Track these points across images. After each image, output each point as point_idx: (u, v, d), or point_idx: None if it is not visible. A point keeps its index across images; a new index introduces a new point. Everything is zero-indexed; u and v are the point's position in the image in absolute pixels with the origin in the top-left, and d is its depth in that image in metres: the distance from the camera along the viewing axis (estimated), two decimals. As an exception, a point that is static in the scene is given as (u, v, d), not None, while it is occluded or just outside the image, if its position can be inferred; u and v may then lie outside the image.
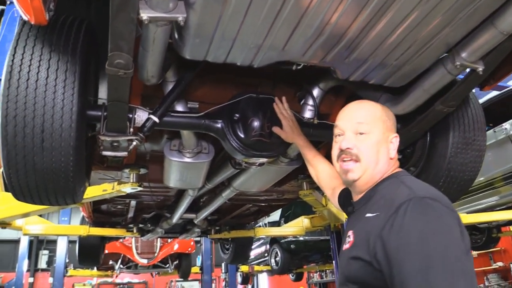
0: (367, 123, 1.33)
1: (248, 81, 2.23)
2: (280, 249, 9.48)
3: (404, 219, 1.08)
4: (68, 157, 1.56)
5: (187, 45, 1.51)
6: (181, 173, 2.68)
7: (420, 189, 1.18)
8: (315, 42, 1.54)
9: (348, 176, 1.34)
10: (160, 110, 1.87)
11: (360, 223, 1.28)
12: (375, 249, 1.12)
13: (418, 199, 1.11)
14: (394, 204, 1.14)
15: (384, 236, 1.10)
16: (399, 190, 1.21)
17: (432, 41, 1.62)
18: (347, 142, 1.32)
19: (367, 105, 1.41)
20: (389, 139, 1.35)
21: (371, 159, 1.31)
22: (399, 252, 1.05)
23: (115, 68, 1.44)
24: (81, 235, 4.78)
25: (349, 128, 1.35)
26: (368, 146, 1.31)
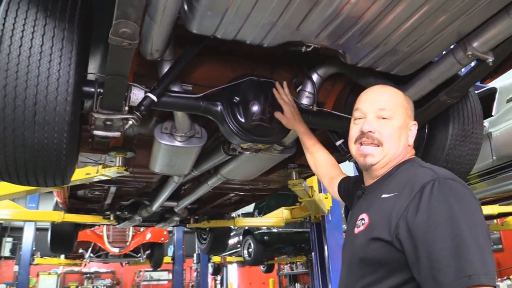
0: (389, 108, 1.32)
1: (244, 64, 2.15)
2: (254, 240, 9.50)
3: (431, 199, 1.08)
4: (62, 133, 1.44)
5: (197, 17, 1.41)
6: (171, 158, 2.58)
7: (442, 170, 1.19)
8: (331, 23, 1.48)
9: (367, 160, 1.32)
10: (158, 88, 1.76)
11: (375, 205, 1.27)
12: (397, 229, 1.11)
13: (442, 180, 1.12)
14: (417, 184, 1.15)
15: (408, 216, 1.10)
16: (419, 171, 1.22)
17: (445, 29, 1.58)
18: (370, 125, 1.31)
19: (390, 91, 1.40)
20: (408, 126, 1.36)
21: (392, 145, 1.31)
22: (427, 232, 1.05)
23: (119, 38, 1.32)
24: (56, 221, 4.56)
25: (371, 112, 1.33)
26: (390, 131, 1.31)
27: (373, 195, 1.33)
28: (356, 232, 1.28)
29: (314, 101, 2.19)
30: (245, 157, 2.69)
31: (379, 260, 1.17)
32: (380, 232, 1.17)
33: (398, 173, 1.29)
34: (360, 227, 1.27)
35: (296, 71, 2.28)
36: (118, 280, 18.26)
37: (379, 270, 1.18)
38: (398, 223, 1.12)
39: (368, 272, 1.21)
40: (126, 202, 4.45)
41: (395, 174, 1.30)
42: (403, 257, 1.11)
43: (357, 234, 1.27)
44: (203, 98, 1.94)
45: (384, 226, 1.16)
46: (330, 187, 1.88)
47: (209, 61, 2.10)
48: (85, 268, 14.24)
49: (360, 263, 1.24)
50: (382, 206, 1.23)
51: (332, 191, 1.86)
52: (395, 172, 1.31)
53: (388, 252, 1.14)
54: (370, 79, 2.08)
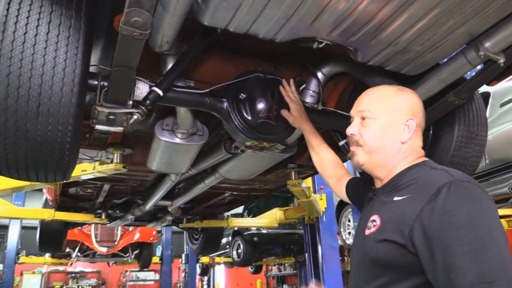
0: (370, 108, 1.34)
1: (247, 61, 2.11)
2: (243, 241, 9.45)
3: (447, 202, 1.05)
4: (67, 126, 1.38)
5: (210, 8, 1.37)
6: (170, 155, 2.52)
7: (457, 172, 1.16)
8: (347, 18, 1.45)
9: (353, 159, 1.37)
10: (165, 82, 1.71)
11: (387, 207, 1.25)
12: (411, 232, 1.08)
13: (458, 182, 1.09)
14: (432, 186, 1.11)
15: (424, 219, 1.07)
16: (433, 173, 1.19)
17: (459, 29, 1.56)
18: (350, 128, 1.37)
19: (376, 91, 1.42)
20: (400, 122, 1.31)
21: (374, 144, 1.31)
22: (444, 235, 1.02)
23: (131, 27, 1.27)
24: (46, 219, 4.45)
25: (355, 114, 1.39)
26: (371, 131, 1.32)
27: (384, 197, 1.31)
28: (367, 233, 1.26)
29: (319, 100, 2.16)
30: (245, 156, 2.65)
31: (392, 263, 1.14)
32: (392, 234, 1.14)
33: (410, 175, 1.26)
34: (371, 229, 1.25)
35: (299, 69, 2.24)
36: (104, 280, 18.01)
37: (392, 272, 1.15)
38: (412, 226, 1.09)
39: (380, 274, 1.18)
40: (119, 201, 4.36)
41: (406, 176, 1.27)
42: (417, 261, 1.08)
43: (368, 235, 1.25)
44: (208, 94, 1.89)
45: (396, 228, 1.14)
46: (337, 188, 1.85)
47: (211, 57, 2.06)
48: (70, 267, 14.01)
49: (372, 265, 1.21)
50: (394, 208, 1.20)
51: (340, 191, 1.83)
52: (405, 174, 1.28)
53: (401, 255, 1.11)
54: (376, 78, 2.06)
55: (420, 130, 1.36)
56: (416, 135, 1.34)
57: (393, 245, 1.13)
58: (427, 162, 1.31)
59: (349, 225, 6.94)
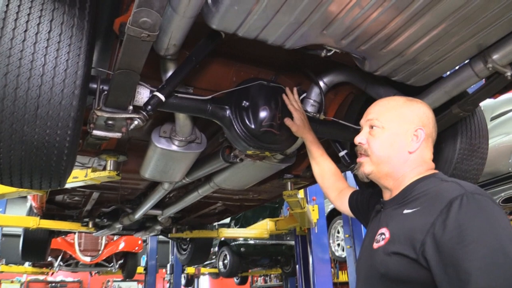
0: (379, 117, 1.33)
1: (247, 69, 2.07)
2: (230, 251, 9.35)
3: (459, 215, 1.03)
4: (66, 130, 1.31)
5: (220, 12, 1.32)
6: (166, 163, 2.45)
7: (468, 185, 1.13)
8: (359, 27, 1.42)
9: (360, 170, 1.35)
10: (167, 87, 1.65)
11: (396, 219, 1.22)
12: (423, 246, 1.05)
13: (470, 195, 1.06)
14: (443, 199, 1.09)
15: (435, 232, 1.04)
16: (444, 186, 1.16)
17: (469, 41, 1.55)
18: (359, 137, 1.36)
19: (385, 100, 1.41)
20: (408, 132, 1.29)
21: (382, 153, 1.30)
22: (456, 250, 0.99)
23: (138, 28, 1.21)
24: (30, 227, 4.28)
25: (364, 123, 1.38)
26: (379, 140, 1.31)
27: (392, 209, 1.28)
28: (375, 247, 1.23)
29: (321, 110, 2.13)
30: (243, 165, 2.59)
31: (403, 277, 1.11)
32: (402, 248, 1.11)
33: (420, 187, 1.23)
34: (380, 242, 1.21)
35: (300, 78, 2.21)
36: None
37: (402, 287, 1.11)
38: (424, 240, 1.06)
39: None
40: (107, 209, 4.24)
41: (416, 188, 1.24)
42: (429, 276, 1.05)
43: (376, 249, 1.22)
44: (210, 100, 1.84)
45: (407, 242, 1.11)
46: (338, 200, 1.81)
47: (211, 64, 2.01)
48: (50, 277, 13.61)
49: (381, 279, 1.17)
50: (404, 221, 1.17)
51: (341, 204, 1.79)
52: (415, 186, 1.25)
53: (412, 270, 1.08)
54: (380, 89, 2.04)
55: (430, 142, 1.33)
56: (426, 146, 1.31)
57: (404, 259, 1.10)
58: (437, 174, 1.28)
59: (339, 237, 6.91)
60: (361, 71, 1.84)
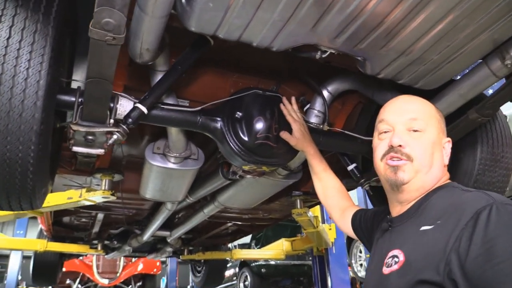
0: (422, 118, 1.14)
1: (246, 79, 1.93)
2: (250, 272, 9.11)
3: (488, 229, 0.88)
4: (29, 144, 1.19)
5: (196, 11, 1.19)
6: (163, 181, 2.32)
7: (497, 195, 0.97)
8: (353, 21, 1.26)
9: (398, 175, 1.10)
10: (149, 98, 1.53)
11: (412, 239, 1.04)
12: (448, 266, 0.89)
13: (501, 205, 0.91)
14: (468, 211, 0.93)
15: (460, 249, 0.89)
16: (468, 196, 1.00)
17: (481, 35, 1.37)
18: (400, 138, 1.12)
19: (420, 100, 1.21)
20: (442, 142, 1.15)
21: (425, 162, 1.10)
22: (486, 269, 0.84)
23: (101, 30, 1.10)
24: (38, 250, 4.22)
25: (400, 123, 1.14)
26: (422, 145, 1.11)
27: (404, 227, 1.10)
28: (386, 272, 1.05)
29: (325, 120, 1.96)
30: (246, 182, 2.44)
31: None
32: (424, 272, 0.93)
33: (435, 199, 1.06)
34: (393, 266, 1.03)
35: (303, 88, 2.06)
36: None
37: None
38: (448, 258, 0.90)
39: None
40: (115, 231, 4.14)
41: (431, 200, 1.07)
42: None
43: (388, 274, 1.04)
44: (201, 112, 1.70)
45: (428, 264, 0.93)
46: (341, 220, 1.63)
47: (208, 75, 1.89)
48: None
49: None
50: (422, 240, 0.99)
51: (343, 224, 1.61)
52: (431, 197, 1.08)
53: None
54: (388, 95, 1.85)
55: None
56: None
57: (427, 286, 0.92)
58: (454, 183, 1.12)
59: (361, 256, 6.60)
60: (367, 77, 1.68)
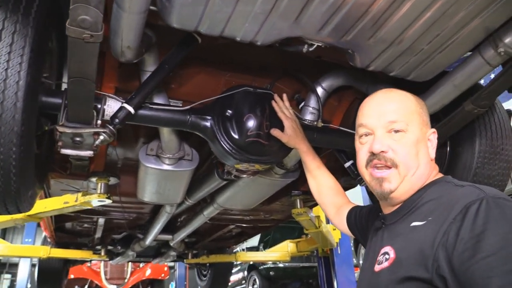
0: (401, 118, 1.07)
1: (240, 78, 1.91)
2: (259, 276, 9.06)
3: (476, 222, 0.84)
4: (10, 146, 1.18)
5: (176, 6, 1.17)
6: (159, 184, 2.30)
7: (490, 189, 0.93)
8: (338, 11, 1.23)
9: (384, 187, 1.06)
10: (136, 98, 1.51)
11: (402, 235, 1.00)
12: (436, 262, 0.86)
13: (492, 199, 0.87)
14: (458, 205, 0.89)
15: (448, 244, 0.85)
16: (460, 191, 0.96)
17: (472, 22, 1.33)
18: (381, 143, 1.06)
19: (398, 95, 1.14)
20: (427, 135, 1.10)
21: (411, 164, 1.05)
22: (472, 264, 0.81)
23: (78, 28, 1.08)
24: (41, 257, 4.22)
25: (380, 126, 1.08)
26: (406, 147, 1.05)
27: (397, 224, 1.07)
28: (377, 269, 1.02)
29: (319, 117, 1.93)
30: (243, 183, 2.41)
31: None
32: (413, 269, 0.90)
33: (428, 195, 1.03)
34: (383, 264, 1.00)
35: (298, 85, 2.03)
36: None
37: None
38: (436, 254, 0.86)
39: None
40: (118, 236, 4.13)
41: (424, 197, 1.03)
42: None
43: (379, 272, 1.01)
44: (190, 111, 1.68)
45: (418, 260, 0.90)
46: (337, 218, 1.59)
47: (201, 74, 1.87)
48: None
49: None
50: (412, 236, 0.96)
51: (339, 222, 1.57)
52: (423, 194, 1.04)
53: None
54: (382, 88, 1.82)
55: None
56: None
57: (417, 284, 0.89)
58: (447, 178, 1.08)
59: (368, 257, 6.52)
60: (360, 72, 1.65)
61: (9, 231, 18.35)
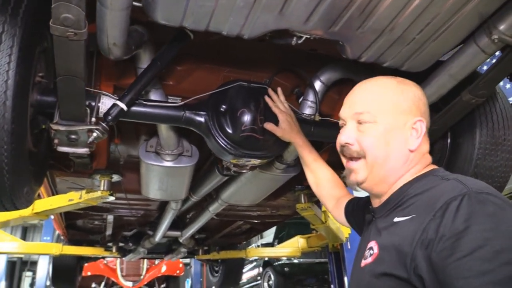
0: (370, 109, 1.06)
1: (238, 73, 1.91)
2: (274, 272, 9.06)
3: (456, 219, 0.80)
4: (1, 144, 1.21)
5: (159, 2, 1.18)
6: (161, 180, 2.32)
7: (475, 183, 0.89)
8: (321, 2, 1.22)
9: (351, 178, 1.09)
10: (128, 95, 1.52)
11: (386, 230, 0.98)
12: (414, 261, 0.84)
13: (474, 194, 0.84)
14: (439, 201, 0.85)
15: (427, 242, 0.83)
16: (444, 185, 0.92)
17: (464, 8, 1.30)
18: (346, 135, 1.08)
19: (372, 86, 1.11)
20: (407, 125, 1.04)
21: (378, 154, 1.04)
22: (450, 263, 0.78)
23: (61, 26, 1.09)
24: (53, 254, 4.31)
25: (350, 117, 1.09)
26: (372, 138, 1.04)
27: (382, 218, 1.05)
28: (363, 265, 1.00)
29: (317, 110, 1.92)
30: (244, 178, 2.41)
31: None
32: (392, 266, 0.88)
33: (415, 189, 0.99)
34: (367, 259, 0.99)
35: (298, 80, 2.02)
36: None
37: None
38: (414, 253, 0.84)
39: None
40: (128, 233, 4.18)
41: (410, 191, 1.00)
42: None
43: (363, 267, 1.00)
44: (184, 107, 1.69)
45: (396, 258, 0.88)
46: (335, 210, 1.57)
47: (199, 71, 1.88)
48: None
49: None
50: (394, 232, 0.94)
51: (338, 214, 1.55)
52: (409, 188, 1.00)
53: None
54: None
55: (426, 132, 1.08)
56: (425, 139, 1.07)
57: (394, 281, 0.87)
58: (437, 171, 1.03)
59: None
60: (358, 64, 1.63)
61: (29, 230, 18.85)
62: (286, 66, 1.96)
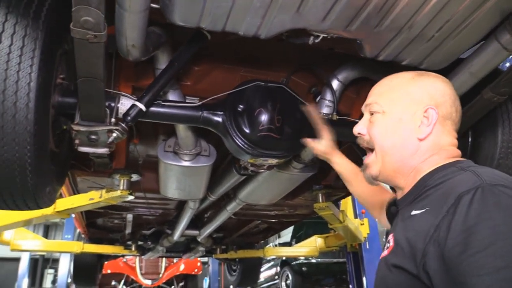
0: (379, 100, 1.07)
1: (255, 73, 1.92)
2: (291, 271, 9.03)
3: (469, 213, 0.77)
4: (24, 145, 1.24)
5: (176, 3, 1.19)
6: (178, 179, 2.35)
7: (491, 175, 0.85)
8: (338, 1, 1.21)
9: (366, 173, 1.09)
10: (147, 96, 1.54)
11: (403, 223, 0.96)
12: (424, 258, 0.81)
13: (488, 187, 0.80)
14: (452, 195, 0.82)
15: (440, 239, 0.80)
16: (459, 178, 0.88)
17: (485, 5, 1.27)
18: (358, 126, 1.11)
19: (389, 79, 1.12)
20: (416, 114, 1.01)
21: (383, 143, 1.04)
22: (462, 260, 0.75)
23: (82, 29, 1.12)
24: (74, 252, 4.40)
25: (364, 109, 1.13)
26: (380, 127, 1.05)
27: (403, 211, 1.02)
28: (381, 256, 1.00)
29: (334, 109, 1.90)
30: (262, 178, 2.42)
31: None
32: (403, 261, 0.87)
33: (433, 181, 0.95)
34: (384, 251, 0.98)
35: (315, 79, 2.02)
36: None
37: None
38: (426, 249, 0.81)
39: None
40: (147, 232, 4.24)
41: (429, 182, 0.96)
42: None
43: (381, 259, 0.99)
44: (202, 107, 1.70)
45: (408, 253, 0.86)
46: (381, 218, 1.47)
47: (217, 71, 1.89)
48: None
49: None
50: (409, 225, 0.92)
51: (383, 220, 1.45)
52: (429, 179, 0.97)
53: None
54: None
55: (450, 124, 1.03)
56: (443, 130, 1.02)
57: (404, 274, 0.86)
58: (459, 162, 0.98)
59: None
60: (376, 63, 1.61)
61: (51, 228, 19.28)
62: (303, 65, 1.96)
